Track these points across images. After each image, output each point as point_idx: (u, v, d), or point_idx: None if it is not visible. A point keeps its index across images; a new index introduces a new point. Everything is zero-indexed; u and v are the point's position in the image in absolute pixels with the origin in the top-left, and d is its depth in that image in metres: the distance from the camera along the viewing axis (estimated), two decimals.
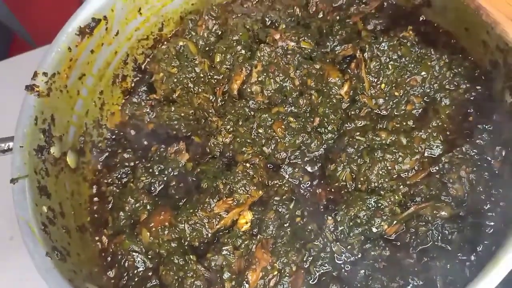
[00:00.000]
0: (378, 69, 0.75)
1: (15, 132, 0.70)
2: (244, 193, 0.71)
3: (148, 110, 0.86)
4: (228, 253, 0.68)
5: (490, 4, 0.61)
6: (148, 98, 0.88)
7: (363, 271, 0.66)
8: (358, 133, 0.74)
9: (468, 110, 0.73)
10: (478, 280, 0.50)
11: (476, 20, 0.68)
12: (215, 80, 0.84)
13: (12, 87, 1.17)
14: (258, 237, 0.69)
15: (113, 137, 0.87)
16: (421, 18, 0.83)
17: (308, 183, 0.75)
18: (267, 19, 0.90)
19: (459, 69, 0.75)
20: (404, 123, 0.74)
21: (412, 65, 0.75)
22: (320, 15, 0.88)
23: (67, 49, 0.76)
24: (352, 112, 0.77)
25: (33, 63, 1.21)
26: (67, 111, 0.78)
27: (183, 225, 0.71)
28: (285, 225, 0.71)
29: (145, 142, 0.85)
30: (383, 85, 0.75)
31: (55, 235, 0.66)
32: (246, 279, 0.65)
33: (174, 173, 0.79)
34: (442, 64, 0.75)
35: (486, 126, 0.71)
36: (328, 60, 0.80)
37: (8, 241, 1.01)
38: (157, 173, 0.79)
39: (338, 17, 0.85)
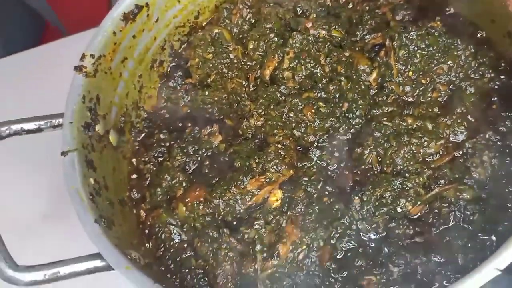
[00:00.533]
0: (406, 57, 0.78)
1: (65, 109, 0.75)
2: (276, 172, 0.75)
3: (183, 94, 0.91)
4: (260, 228, 0.72)
5: None
6: (183, 82, 0.93)
7: (387, 248, 0.70)
8: (385, 119, 0.78)
9: (492, 99, 0.76)
10: (492, 258, 0.53)
11: (502, 12, 0.71)
12: (248, 66, 0.89)
13: (45, 72, 1.24)
14: (288, 213, 0.73)
15: (150, 118, 0.92)
16: (448, 10, 0.85)
17: (335, 165, 0.79)
18: (298, 9, 0.93)
19: (484, 59, 0.78)
20: (430, 110, 0.77)
21: (439, 54, 0.78)
22: (350, 5, 0.91)
23: (112, 33, 0.81)
24: (380, 98, 0.80)
25: (65, 49, 1.27)
26: (111, 92, 0.83)
27: (217, 201, 0.75)
28: (313, 203, 0.75)
29: (180, 124, 0.89)
30: (410, 72, 0.79)
31: (101, 205, 0.71)
32: (277, 251, 0.69)
33: (208, 154, 0.83)
34: (468, 54, 0.78)
35: (509, 114, 0.74)
36: (357, 48, 0.84)
37: (42, 218, 1.07)
38: (191, 153, 0.83)
39: (367, 7, 0.89)
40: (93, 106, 0.78)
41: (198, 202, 0.76)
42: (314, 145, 0.80)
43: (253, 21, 0.91)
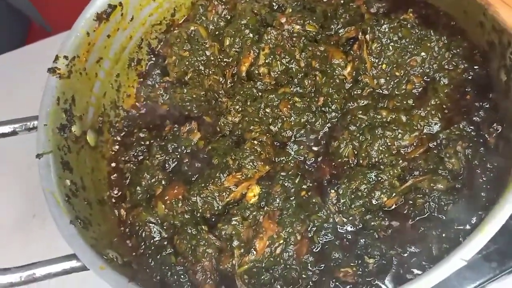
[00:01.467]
0: (379, 50, 0.78)
1: (39, 112, 0.75)
2: (252, 168, 0.75)
3: (162, 92, 0.91)
4: (237, 223, 0.73)
5: None
6: (161, 80, 0.93)
7: (363, 240, 0.70)
8: (360, 112, 0.78)
9: (466, 89, 0.77)
10: (459, 248, 0.54)
11: (473, 2, 0.71)
12: (225, 63, 0.89)
13: (31, 72, 1.24)
14: (265, 209, 0.74)
15: (130, 117, 0.92)
16: (422, 1, 0.85)
17: (312, 159, 0.79)
18: (274, 4, 0.93)
19: (458, 50, 0.78)
20: (405, 102, 0.78)
21: (412, 46, 0.78)
22: None
23: (86, 34, 0.81)
24: (355, 92, 0.81)
25: (50, 49, 1.27)
26: (86, 93, 0.83)
27: (195, 198, 0.76)
28: (290, 198, 0.75)
29: (160, 122, 0.90)
30: (384, 65, 0.79)
31: (78, 206, 0.72)
32: (254, 247, 0.70)
33: (187, 151, 0.83)
34: (441, 45, 0.78)
35: (483, 104, 0.75)
36: (332, 42, 0.84)
37: (31, 218, 1.07)
38: (171, 151, 0.84)
39: (342, 1, 0.89)
40: (68, 108, 0.78)
41: (176, 199, 0.77)
42: (291, 140, 0.81)
43: (229, 17, 0.91)
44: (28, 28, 1.95)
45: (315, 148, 0.80)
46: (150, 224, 0.77)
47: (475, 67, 0.77)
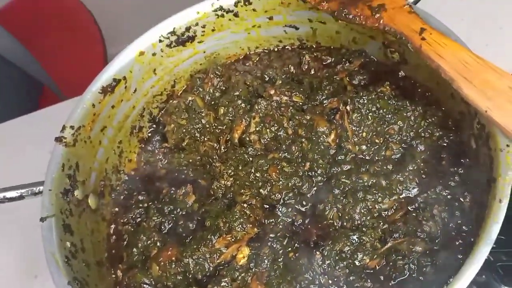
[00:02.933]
0: (359, 119, 0.85)
1: (45, 177, 0.81)
2: (241, 230, 0.80)
3: (161, 157, 0.98)
4: (227, 285, 0.76)
5: (446, 63, 0.71)
6: (161, 146, 1.00)
7: None
8: (343, 176, 0.83)
9: (442, 155, 0.82)
10: None
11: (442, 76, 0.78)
12: (219, 130, 0.96)
13: (43, 136, 1.31)
14: (254, 270, 0.77)
15: (130, 181, 0.98)
16: (400, 74, 0.93)
17: (300, 221, 0.84)
18: (265, 76, 1.02)
19: (433, 119, 0.84)
20: (384, 167, 0.83)
21: (390, 116, 0.85)
22: (312, 72, 1.00)
23: (91, 106, 0.89)
24: (339, 157, 0.86)
25: (61, 114, 1.36)
26: (90, 159, 0.89)
27: (187, 260, 0.80)
28: (278, 259, 0.79)
29: (158, 185, 0.95)
30: (364, 133, 0.85)
31: (76, 267, 0.76)
32: None
33: (182, 213, 0.88)
34: (417, 114, 0.85)
35: (457, 169, 0.80)
36: (317, 112, 0.91)
37: (33, 279, 1.11)
38: (167, 213, 0.89)
39: (327, 74, 0.97)
40: (72, 173, 0.84)
41: (170, 261, 0.81)
42: (280, 203, 0.86)
43: (224, 88, 0.99)
44: (40, 93, 2.07)
45: (302, 210, 0.85)
46: (144, 285, 0.81)
47: (450, 134, 0.83)
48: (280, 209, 0.84)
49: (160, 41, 0.96)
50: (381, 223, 0.78)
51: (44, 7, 2.28)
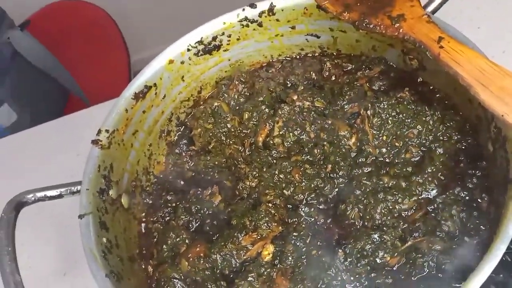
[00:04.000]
0: (379, 124, 0.89)
1: (82, 177, 0.87)
2: (267, 228, 0.84)
3: (187, 159, 1.02)
4: (253, 280, 0.80)
5: (464, 70, 0.74)
6: (188, 149, 1.05)
7: None
8: (364, 178, 0.87)
9: (460, 158, 0.85)
10: None
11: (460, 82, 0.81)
12: (244, 134, 1.00)
13: (69, 141, 1.38)
14: (279, 266, 0.81)
15: (159, 182, 1.03)
16: (418, 80, 0.97)
17: (322, 221, 0.87)
18: (288, 82, 1.06)
19: (451, 123, 0.88)
20: (404, 169, 0.86)
21: (409, 120, 0.88)
22: (333, 78, 1.04)
23: (125, 111, 0.94)
24: (359, 160, 0.90)
25: (86, 119, 1.41)
26: (123, 161, 0.95)
27: (215, 256, 0.84)
28: (302, 256, 0.83)
29: (185, 186, 1.00)
30: (384, 137, 0.89)
31: (112, 261, 0.81)
32: None
33: (209, 212, 0.93)
34: (435, 119, 0.88)
35: (475, 172, 0.83)
36: (338, 116, 0.95)
37: (62, 276, 1.16)
38: (194, 212, 0.93)
39: (347, 80, 1.01)
40: (107, 174, 0.89)
41: (198, 257, 0.85)
42: (303, 203, 0.90)
43: (248, 94, 1.04)
44: (67, 100, 2.14)
45: (324, 210, 0.89)
46: (174, 280, 0.85)
47: (467, 138, 0.86)
48: (303, 209, 0.88)
49: (188, 50, 1.02)
50: (401, 223, 0.81)
51: (70, 16, 2.37)
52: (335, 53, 1.07)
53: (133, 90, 0.96)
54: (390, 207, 0.82)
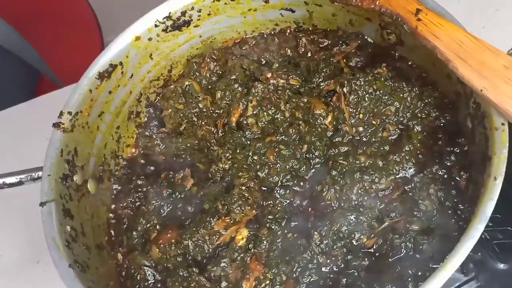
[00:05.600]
0: (356, 101, 0.85)
1: (44, 163, 0.82)
2: (240, 212, 0.81)
3: (158, 142, 0.98)
4: (226, 265, 0.77)
5: (442, 43, 0.71)
6: (158, 131, 1.00)
7: (345, 279, 0.74)
8: (341, 158, 0.84)
9: (438, 135, 0.82)
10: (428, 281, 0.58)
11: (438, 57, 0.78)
12: (216, 114, 0.96)
13: (38, 124, 1.31)
14: (253, 251, 0.78)
15: (129, 166, 0.98)
16: (396, 55, 0.93)
17: (298, 203, 0.84)
18: (262, 59, 1.02)
19: (429, 99, 0.85)
20: (381, 148, 0.84)
21: (386, 97, 0.85)
22: (309, 55, 1.00)
23: (88, 91, 0.89)
24: (336, 139, 0.87)
25: (58, 101, 1.35)
26: (88, 144, 0.90)
27: (187, 242, 0.81)
28: (277, 240, 0.80)
29: (156, 170, 0.96)
30: (361, 115, 0.86)
31: (77, 250, 0.77)
32: (241, 287, 0.74)
33: (181, 196, 0.89)
34: (413, 95, 0.85)
35: (454, 149, 0.80)
36: (314, 94, 0.91)
37: (35, 264, 1.12)
38: (166, 196, 0.89)
39: (323, 56, 0.97)
40: (71, 158, 0.84)
41: (170, 243, 0.82)
42: (278, 185, 0.86)
43: (220, 72, 0.99)
44: (38, 81, 2.06)
45: (300, 192, 0.86)
46: (145, 267, 0.82)
47: (446, 115, 0.84)
48: (278, 191, 0.85)
49: (156, 25, 0.96)
50: (378, 203, 0.79)
51: None
52: (310, 28, 1.02)
53: (97, 69, 0.91)
54: (367, 187, 0.80)
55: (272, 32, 1.05)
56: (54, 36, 2.13)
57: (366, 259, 0.75)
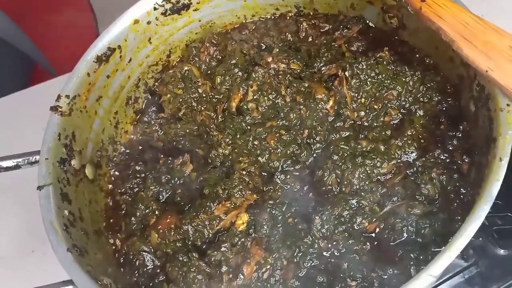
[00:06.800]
0: (358, 85, 0.84)
1: (41, 147, 0.80)
2: (240, 196, 0.80)
3: (157, 127, 0.96)
4: (226, 250, 0.76)
5: (446, 24, 0.70)
6: (157, 117, 0.99)
7: (346, 264, 0.74)
8: (342, 143, 0.83)
9: (440, 120, 0.82)
10: (433, 262, 0.57)
11: (442, 39, 0.77)
12: (216, 99, 0.95)
13: (34, 113, 1.30)
14: (253, 235, 0.77)
15: (127, 151, 0.97)
16: (398, 39, 0.92)
17: (298, 188, 0.83)
18: (262, 44, 1.01)
19: (432, 84, 0.84)
20: (383, 133, 0.83)
21: (389, 81, 0.84)
22: (310, 39, 0.99)
23: (86, 75, 0.88)
24: (337, 124, 0.86)
25: (54, 90, 1.33)
26: (86, 129, 0.88)
27: (187, 227, 0.80)
28: (278, 225, 0.79)
29: (155, 156, 0.95)
30: (363, 99, 0.85)
31: (75, 235, 0.75)
32: (242, 272, 0.73)
33: (180, 182, 0.88)
34: (415, 79, 0.84)
35: (456, 133, 0.80)
36: (315, 79, 0.90)
37: (30, 253, 1.11)
38: (164, 182, 0.88)
39: (325, 41, 0.96)
40: (69, 143, 0.83)
41: (169, 229, 0.81)
42: (279, 170, 0.85)
43: (220, 57, 0.98)
44: (32, 70, 2.04)
45: (301, 177, 0.85)
46: (144, 253, 0.81)
47: (448, 99, 0.83)
48: (279, 177, 0.84)
49: (155, 9, 0.95)
50: (380, 188, 0.78)
51: None
52: (311, 13, 1.01)
53: (95, 53, 0.89)
54: (368, 172, 0.79)
55: (273, 17, 1.04)
56: (48, 26, 2.10)
57: (368, 244, 0.75)
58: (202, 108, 0.94)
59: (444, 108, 0.83)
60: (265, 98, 0.89)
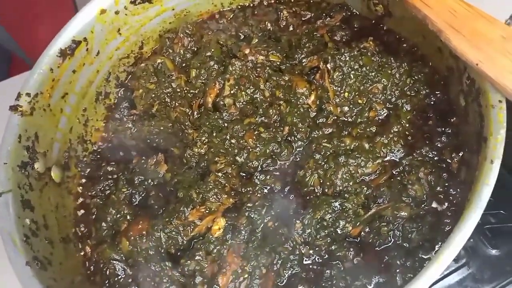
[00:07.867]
0: (341, 78, 0.79)
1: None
2: (216, 201, 0.74)
3: (130, 125, 0.90)
4: (201, 258, 0.71)
5: (433, 12, 0.64)
6: (129, 113, 0.92)
7: (329, 271, 0.69)
8: (325, 140, 0.78)
9: (428, 115, 0.77)
10: (419, 275, 0.53)
11: (429, 28, 0.71)
12: (191, 94, 0.89)
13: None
14: (230, 242, 0.72)
15: (98, 151, 0.91)
16: (384, 28, 0.86)
17: (279, 189, 0.78)
18: (240, 34, 0.94)
19: (419, 76, 0.79)
20: (368, 129, 0.78)
21: (373, 74, 0.78)
22: (290, 29, 0.92)
23: (49, 70, 0.81)
24: (320, 120, 0.81)
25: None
26: (51, 129, 0.82)
27: (159, 234, 0.74)
28: (256, 230, 0.74)
29: (127, 155, 0.89)
30: (346, 93, 0.79)
31: (37, 245, 0.70)
32: (217, 283, 0.69)
33: (154, 183, 0.82)
34: (402, 71, 0.79)
35: (445, 129, 0.75)
36: (296, 72, 0.84)
37: None
38: (137, 184, 0.83)
39: (306, 30, 0.89)
40: (31, 145, 0.77)
41: (140, 235, 0.75)
42: (258, 170, 0.80)
43: (195, 49, 0.92)
44: (9, 62, 1.96)
45: (281, 178, 0.80)
46: (114, 262, 0.76)
47: (437, 92, 0.78)
48: (258, 177, 0.79)
49: None
50: (364, 189, 0.73)
51: None
52: (292, 0, 0.95)
53: (58, 46, 0.82)
54: (352, 172, 0.74)
55: (252, 5, 0.97)
56: (26, 15, 2.02)
57: (352, 249, 0.70)
58: (177, 104, 0.88)
59: (432, 102, 0.78)
60: (243, 93, 0.84)
